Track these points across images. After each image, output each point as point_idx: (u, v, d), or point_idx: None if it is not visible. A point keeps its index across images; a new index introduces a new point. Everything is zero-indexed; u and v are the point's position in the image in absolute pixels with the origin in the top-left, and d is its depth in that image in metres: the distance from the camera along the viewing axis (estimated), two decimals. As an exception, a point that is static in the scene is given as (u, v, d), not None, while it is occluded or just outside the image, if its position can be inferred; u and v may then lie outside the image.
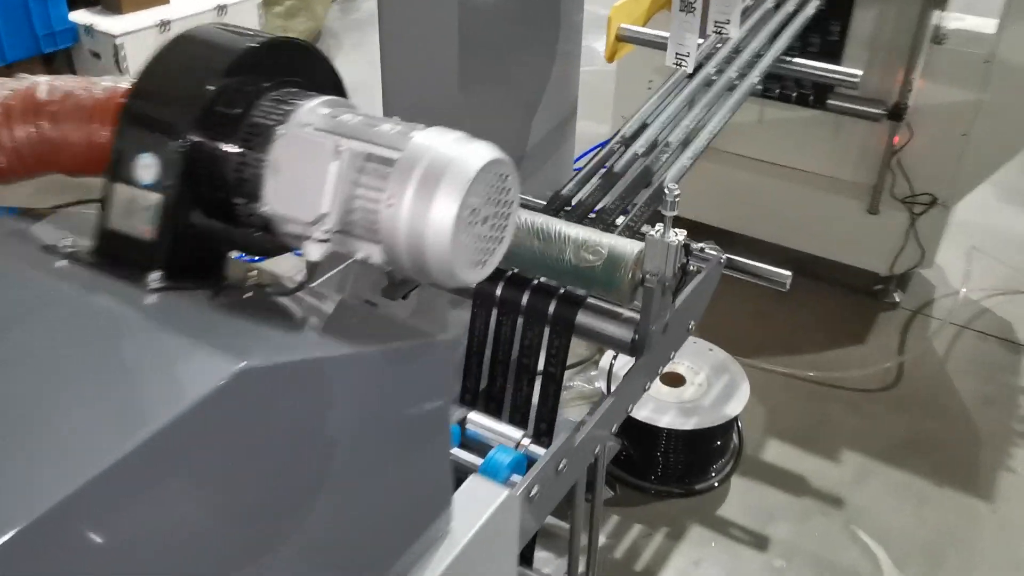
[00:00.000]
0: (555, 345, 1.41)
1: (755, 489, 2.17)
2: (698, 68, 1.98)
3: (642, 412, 2.07)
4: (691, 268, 1.30)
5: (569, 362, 1.41)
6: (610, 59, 2.24)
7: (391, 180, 0.71)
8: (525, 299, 1.40)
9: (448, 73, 1.57)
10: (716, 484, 2.15)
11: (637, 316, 1.33)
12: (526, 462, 1.10)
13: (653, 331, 1.31)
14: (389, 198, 0.70)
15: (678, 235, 1.26)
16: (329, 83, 0.85)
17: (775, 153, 2.79)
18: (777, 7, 2.15)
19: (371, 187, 0.72)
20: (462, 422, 1.18)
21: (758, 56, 1.99)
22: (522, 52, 1.73)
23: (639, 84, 2.74)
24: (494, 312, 1.45)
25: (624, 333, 1.34)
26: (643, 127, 1.80)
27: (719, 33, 1.57)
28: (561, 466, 1.12)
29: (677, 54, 1.61)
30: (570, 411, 2.38)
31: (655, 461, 2.13)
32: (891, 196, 2.61)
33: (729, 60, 1.99)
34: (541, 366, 1.39)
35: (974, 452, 2.28)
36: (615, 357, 2.29)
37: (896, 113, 2.40)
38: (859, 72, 1.93)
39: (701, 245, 1.73)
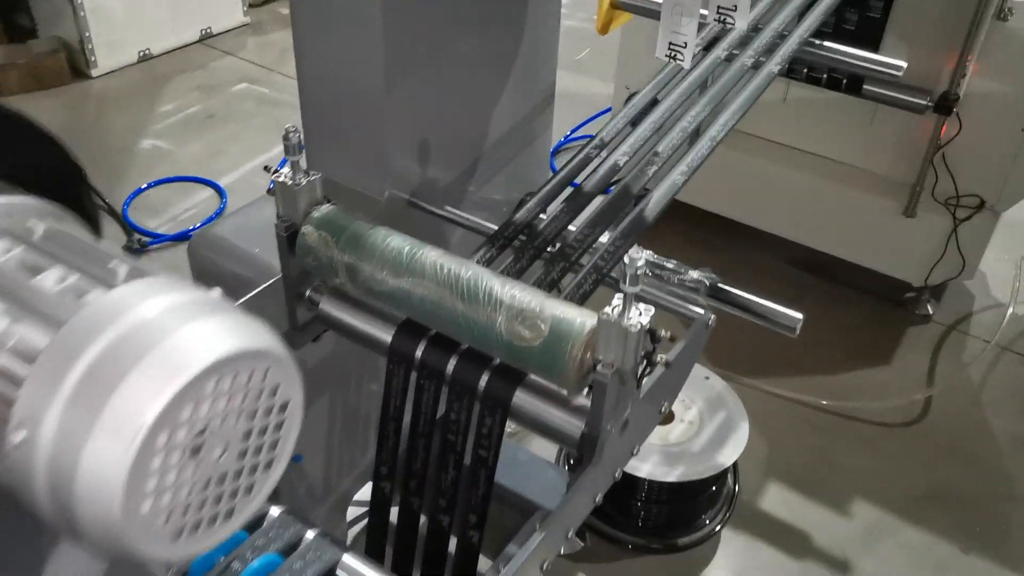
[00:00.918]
0: (486, 425, 1.09)
1: (749, 546, 1.87)
2: (706, 49, 1.62)
3: (618, 456, 1.76)
4: (659, 360, 0.97)
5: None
6: (602, 31, 1.88)
7: (27, 387, 0.39)
8: (451, 366, 1.09)
9: (370, 53, 1.23)
10: (703, 539, 1.85)
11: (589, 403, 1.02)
12: (403, 646, 0.80)
13: (607, 430, 0.99)
14: (19, 423, 0.38)
15: (642, 315, 0.93)
16: (36, 168, 0.52)
17: (800, 138, 2.42)
18: (809, -26, 1.76)
19: (-4, 396, 0.39)
20: (331, 571, 0.88)
21: (781, 37, 1.62)
22: (475, 26, 1.38)
23: (647, 51, 2.36)
24: (414, 372, 1.14)
25: (572, 425, 1.02)
26: (629, 127, 1.46)
27: (722, 22, 1.22)
28: (454, 647, 0.82)
29: (671, 44, 1.25)
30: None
31: (633, 512, 1.83)
32: (931, 197, 2.24)
33: (745, 41, 1.63)
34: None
35: (1007, 510, 1.96)
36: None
37: (944, 105, 2.02)
38: (903, 64, 1.56)
39: (692, 274, 1.41)
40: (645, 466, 1.75)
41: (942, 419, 2.17)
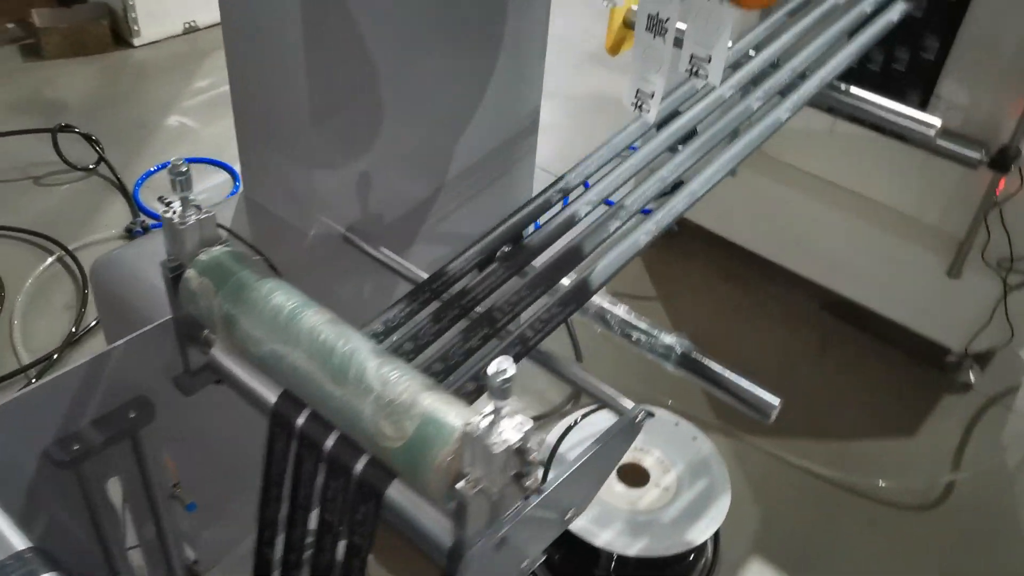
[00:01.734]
0: (360, 512, 0.97)
1: (718, 630, 1.71)
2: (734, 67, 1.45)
3: (579, 519, 1.61)
4: (529, 483, 0.82)
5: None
6: (612, 51, 1.70)
7: None
8: (330, 442, 0.96)
9: (294, 77, 1.10)
10: (668, 616, 1.69)
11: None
12: None
13: (478, 549, 0.85)
14: None
15: (516, 428, 0.78)
16: None
17: (838, 172, 2.20)
18: (848, 5, 1.55)
19: None
20: None
21: (801, 77, 1.43)
22: (438, 44, 1.23)
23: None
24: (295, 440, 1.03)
25: (442, 533, 0.89)
26: (604, 170, 1.30)
27: (694, 73, 1.04)
28: None
29: (638, 92, 1.08)
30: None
31: (591, 579, 1.68)
32: (980, 258, 2.00)
33: (761, 77, 1.44)
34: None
35: (1023, 623, 1.75)
36: (565, 433, 1.84)
37: (1002, 161, 1.78)
38: (936, 123, 1.35)
39: (664, 339, 1.27)
40: (605, 534, 1.59)
41: (966, 505, 1.95)
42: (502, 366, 0.76)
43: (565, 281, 1.15)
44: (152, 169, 2.68)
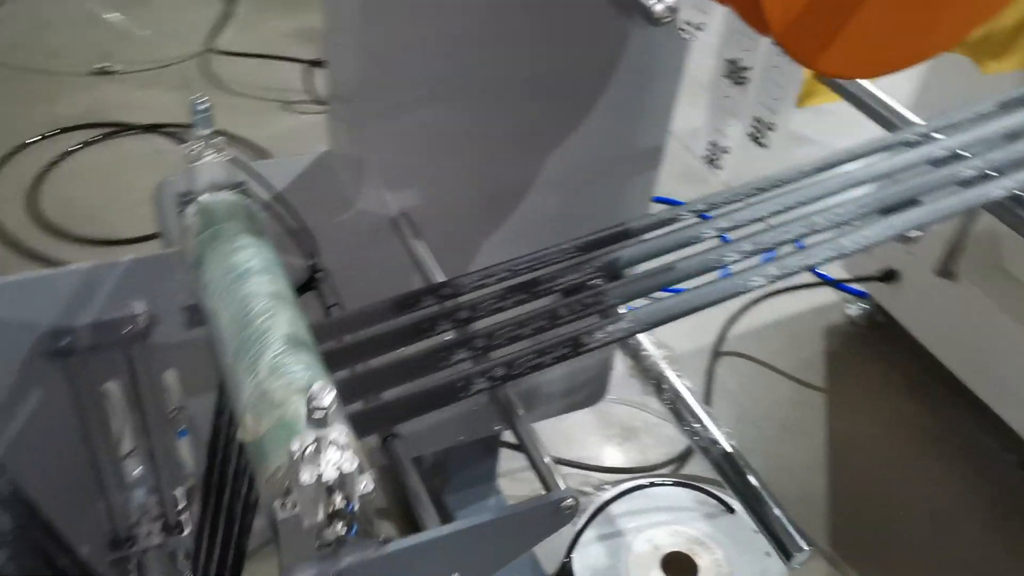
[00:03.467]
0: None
1: None
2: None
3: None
4: (341, 531, 0.72)
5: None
6: (800, 102, 1.49)
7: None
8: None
9: (348, 41, 1.06)
10: None
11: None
12: None
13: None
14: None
15: (336, 466, 0.70)
16: None
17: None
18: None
19: None
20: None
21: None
22: (540, 51, 1.14)
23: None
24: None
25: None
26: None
27: (756, 139, 0.85)
28: None
29: (710, 145, 0.92)
30: None
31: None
32: None
33: (939, 164, 1.18)
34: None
35: None
36: (612, 500, 1.67)
37: None
38: None
39: (711, 430, 1.12)
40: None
41: None
42: (317, 393, 0.67)
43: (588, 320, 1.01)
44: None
